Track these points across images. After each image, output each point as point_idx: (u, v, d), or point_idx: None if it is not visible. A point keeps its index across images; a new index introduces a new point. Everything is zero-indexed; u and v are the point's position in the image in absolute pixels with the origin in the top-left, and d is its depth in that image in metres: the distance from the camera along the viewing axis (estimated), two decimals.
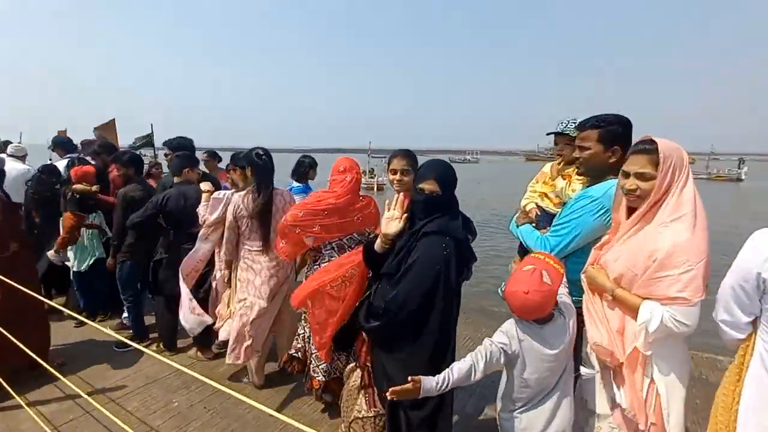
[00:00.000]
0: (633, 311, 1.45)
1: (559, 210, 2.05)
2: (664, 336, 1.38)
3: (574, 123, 1.98)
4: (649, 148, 1.44)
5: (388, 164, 2.34)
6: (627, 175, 1.50)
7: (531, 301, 1.47)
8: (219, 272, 3.04)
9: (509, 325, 1.57)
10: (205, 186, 3.13)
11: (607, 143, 1.72)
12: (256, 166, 2.69)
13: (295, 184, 3.91)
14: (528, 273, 1.52)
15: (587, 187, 1.89)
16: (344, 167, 2.53)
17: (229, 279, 2.91)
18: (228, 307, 2.92)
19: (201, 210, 2.98)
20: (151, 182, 3.98)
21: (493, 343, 1.54)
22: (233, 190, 2.98)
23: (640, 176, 1.45)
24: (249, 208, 2.67)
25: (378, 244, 1.84)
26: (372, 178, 25.43)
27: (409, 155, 2.27)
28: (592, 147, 1.74)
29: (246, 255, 2.77)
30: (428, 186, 1.68)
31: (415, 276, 1.59)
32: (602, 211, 1.68)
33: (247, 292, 2.77)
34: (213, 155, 4.57)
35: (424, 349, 1.64)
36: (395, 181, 2.23)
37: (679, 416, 1.44)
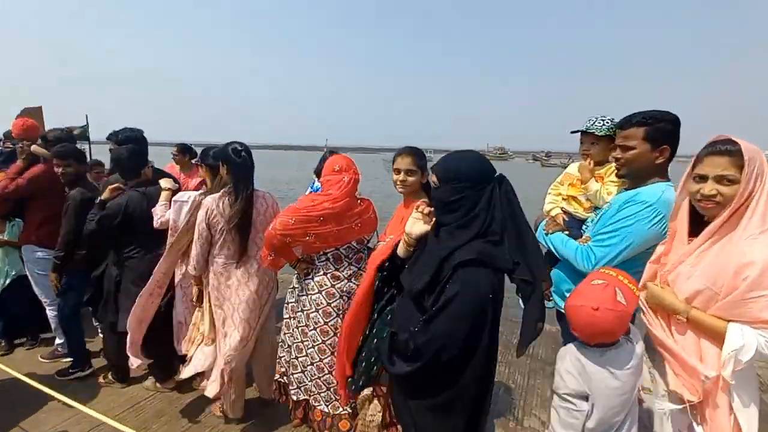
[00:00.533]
0: (713, 336, 1.27)
1: (590, 215, 1.88)
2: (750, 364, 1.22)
3: (604, 121, 1.81)
4: (732, 149, 1.26)
5: (392, 162, 2.07)
6: (703, 178, 1.31)
7: (600, 320, 1.25)
8: (180, 290, 2.59)
9: (571, 358, 1.34)
10: (165, 183, 2.63)
11: (655, 142, 1.55)
12: (233, 163, 2.26)
13: (318, 182, 3.36)
14: (599, 288, 1.30)
15: (625, 189, 1.73)
16: (340, 166, 2.19)
17: (200, 297, 2.46)
18: (199, 329, 2.47)
19: (158, 210, 2.50)
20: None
21: (568, 405, 1.34)
22: (201, 191, 2.53)
23: (722, 180, 1.27)
24: (225, 213, 2.25)
25: (401, 248, 1.58)
26: None
27: (414, 153, 2.00)
28: (638, 146, 1.56)
29: (219, 270, 2.32)
30: (432, 178, 1.45)
31: (456, 316, 1.26)
32: (658, 219, 1.49)
33: (223, 313, 2.34)
34: (184, 150, 3.97)
35: (465, 396, 1.34)
36: (398, 182, 1.99)
37: None
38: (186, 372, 2.43)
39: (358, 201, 2.23)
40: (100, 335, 3.37)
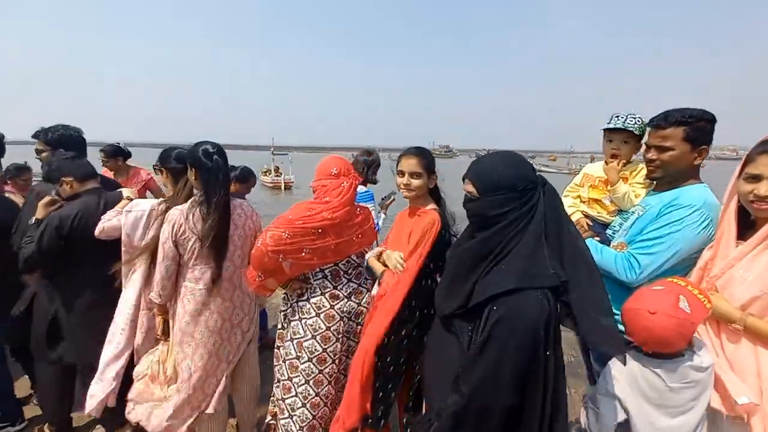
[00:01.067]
0: None
1: (614, 219, 1.78)
2: None
3: (636, 118, 1.71)
4: None
5: (396, 164, 1.87)
6: (757, 178, 1.26)
7: (657, 325, 1.17)
8: (139, 321, 2.15)
9: (622, 363, 1.21)
10: (127, 192, 2.20)
11: (695, 143, 1.48)
12: (204, 168, 1.88)
13: (361, 188, 2.86)
14: (660, 292, 1.22)
15: (654, 191, 1.64)
16: (338, 169, 1.92)
17: (166, 330, 2.04)
18: (162, 369, 2.06)
19: (107, 215, 2.04)
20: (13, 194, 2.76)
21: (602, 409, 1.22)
22: (160, 201, 2.12)
23: None
24: (197, 228, 1.87)
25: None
26: (278, 176, 23.95)
27: (421, 154, 1.83)
28: (677, 147, 1.49)
29: (188, 295, 1.93)
30: (467, 187, 1.24)
31: (501, 350, 1.05)
32: (707, 223, 1.42)
33: (191, 349, 1.94)
34: (115, 152, 3.39)
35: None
36: (402, 186, 1.82)
37: None
38: (166, 412, 1.99)
39: (358, 210, 1.97)
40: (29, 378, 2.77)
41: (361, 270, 2.03)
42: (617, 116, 1.72)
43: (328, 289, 1.93)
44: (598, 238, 1.67)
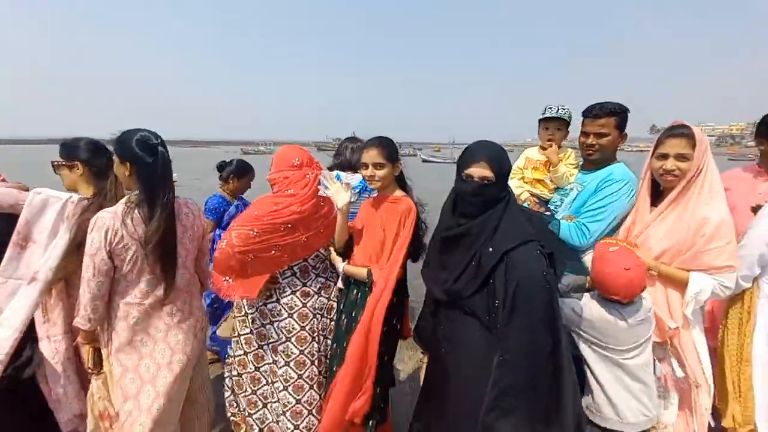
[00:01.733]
0: (679, 285, 1.57)
1: (553, 196, 2.05)
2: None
3: (564, 109, 2.00)
4: (687, 132, 1.57)
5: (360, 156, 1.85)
6: (665, 156, 1.59)
7: (635, 276, 1.40)
8: (58, 354, 1.74)
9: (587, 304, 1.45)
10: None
11: (621, 129, 1.81)
12: (141, 162, 1.57)
13: (356, 176, 2.47)
14: (620, 251, 1.46)
15: (583, 171, 1.94)
16: (300, 160, 1.82)
17: (97, 360, 1.67)
18: (98, 405, 1.69)
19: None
20: None
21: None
22: (80, 198, 1.73)
23: (681, 157, 1.56)
24: (138, 233, 1.57)
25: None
26: None
27: (380, 144, 1.79)
28: (611, 133, 1.79)
29: (130, 316, 1.61)
30: (478, 170, 1.26)
31: (529, 308, 1.15)
32: (633, 193, 1.75)
33: (134, 384, 1.61)
34: None
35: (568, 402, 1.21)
36: (367, 177, 1.79)
37: (710, 372, 1.65)
38: None
39: (321, 200, 1.89)
40: None
41: (327, 264, 1.96)
42: (550, 107, 2.00)
43: (299, 287, 1.82)
44: (548, 213, 1.91)
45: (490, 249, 1.19)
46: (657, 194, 1.71)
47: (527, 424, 1.11)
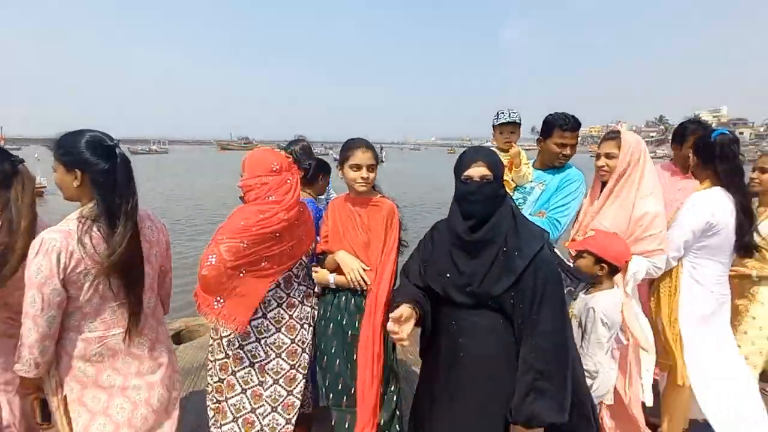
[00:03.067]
0: None
1: (514, 195, 2.25)
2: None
3: (516, 113, 2.20)
4: (615, 135, 1.91)
5: (344, 158, 1.79)
6: (599, 156, 1.92)
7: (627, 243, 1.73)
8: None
9: (605, 304, 1.66)
10: None
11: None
12: (97, 169, 1.32)
13: None
14: (600, 233, 1.76)
15: (548, 171, 2.16)
16: (279, 164, 1.71)
17: (47, 413, 1.36)
18: None
19: None
20: None
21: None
22: None
23: (609, 156, 1.89)
24: (99, 254, 1.32)
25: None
26: None
27: (373, 147, 1.83)
28: (575, 144, 2.08)
29: (89, 353, 1.36)
30: (477, 171, 1.34)
31: (555, 300, 1.30)
32: (584, 190, 2.05)
33: (107, 429, 1.37)
34: None
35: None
36: (359, 180, 1.76)
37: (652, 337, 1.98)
38: None
39: (300, 207, 1.81)
40: None
41: (307, 271, 1.87)
42: (503, 112, 2.20)
43: (284, 299, 1.73)
44: None
45: (518, 253, 1.29)
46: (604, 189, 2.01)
47: (556, 405, 1.23)
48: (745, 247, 1.96)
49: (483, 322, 1.34)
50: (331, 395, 1.72)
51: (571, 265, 1.82)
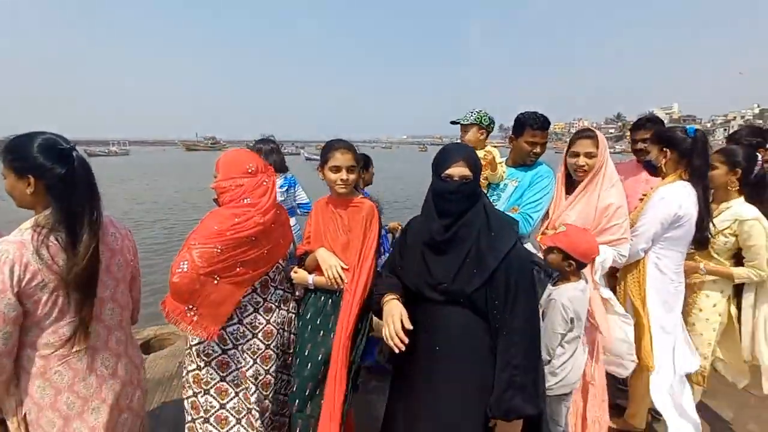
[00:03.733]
0: None
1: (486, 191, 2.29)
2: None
3: (479, 112, 2.27)
4: (592, 134, 1.98)
5: (325, 160, 1.77)
6: (576, 155, 1.97)
7: (595, 239, 1.79)
8: None
9: (563, 297, 1.69)
10: None
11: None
12: (49, 175, 1.23)
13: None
14: (572, 228, 1.78)
15: (519, 168, 2.21)
16: (255, 166, 1.67)
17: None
18: None
19: None
20: None
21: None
22: None
23: (589, 155, 1.94)
24: (59, 265, 1.23)
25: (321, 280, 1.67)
26: None
27: (353, 148, 1.80)
28: (545, 142, 2.14)
29: (49, 371, 1.27)
30: (458, 170, 1.36)
31: (528, 296, 1.34)
32: (554, 186, 2.11)
33: None
34: None
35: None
36: (339, 181, 1.73)
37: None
38: None
39: (278, 209, 1.77)
40: None
41: (284, 274, 1.84)
42: (471, 112, 2.26)
43: (260, 303, 1.68)
44: None
45: (490, 251, 1.31)
46: (569, 185, 2.07)
47: (532, 398, 1.27)
48: (701, 240, 2.07)
49: (457, 319, 1.36)
50: (297, 401, 1.65)
51: (542, 258, 1.87)
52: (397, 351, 1.27)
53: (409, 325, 1.30)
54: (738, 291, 2.23)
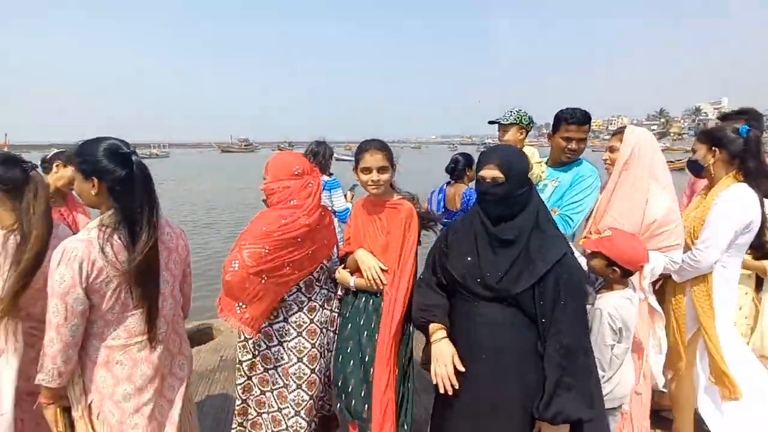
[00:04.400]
0: None
1: None
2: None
3: (518, 111, 2.22)
4: (621, 130, 1.94)
5: (357, 161, 1.76)
6: (613, 149, 1.94)
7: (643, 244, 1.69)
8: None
9: (608, 307, 1.61)
10: None
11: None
12: (114, 177, 1.31)
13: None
14: (618, 233, 1.68)
15: (559, 168, 2.14)
16: (301, 168, 1.71)
17: (70, 424, 1.35)
18: None
19: None
20: None
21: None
22: (10, 228, 1.39)
23: (611, 149, 1.93)
24: (120, 262, 1.32)
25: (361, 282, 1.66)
26: None
27: (385, 147, 1.75)
28: (582, 138, 2.06)
29: (112, 362, 1.35)
30: (488, 172, 1.35)
31: (577, 299, 1.32)
32: (599, 185, 2.03)
33: None
34: None
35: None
36: (370, 183, 1.71)
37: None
38: None
39: (322, 210, 1.79)
40: None
41: (328, 274, 1.86)
42: (510, 112, 2.20)
43: (305, 303, 1.73)
44: None
45: (540, 256, 1.30)
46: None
47: (583, 401, 1.25)
48: (760, 245, 1.94)
49: (501, 317, 1.35)
50: (344, 400, 1.66)
51: (584, 262, 1.79)
52: (443, 392, 1.30)
53: (461, 368, 1.32)
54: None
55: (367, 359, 1.66)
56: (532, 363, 1.32)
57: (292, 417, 1.67)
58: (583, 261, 1.74)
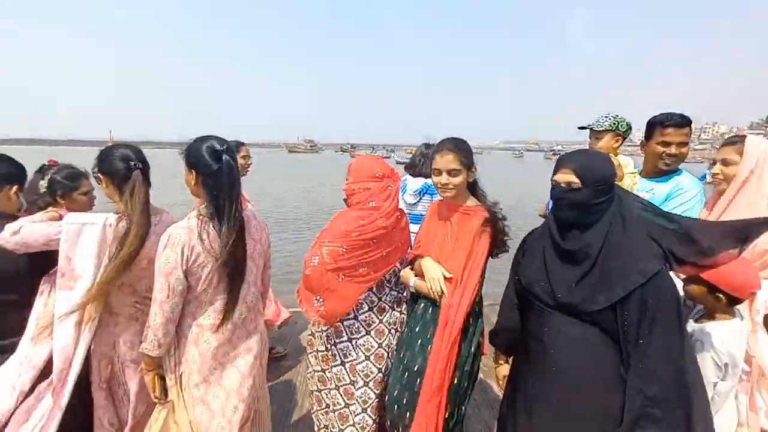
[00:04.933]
0: None
1: None
2: None
3: (615, 117, 2.03)
4: (736, 140, 1.67)
5: (431, 161, 1.67)
6: (723, 162, 1.68)
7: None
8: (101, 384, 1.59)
9: (718, 338, 1.43)
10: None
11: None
12: (207, 170, 1.42)
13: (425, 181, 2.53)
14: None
15: (655, 179, 1.95)
16: (382, 171, 1.73)
17: (163, 388, 1.51)
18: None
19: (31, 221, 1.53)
20: None
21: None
22: (112, 219, 1.57)
23: (724, 162, 1.65)
24: (215, 249, 1.43)
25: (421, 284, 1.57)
26: None
27: (456, 148, 1.60)
28: (683, 142, 1.84)
29: (201, 339, 1.48)
30: (562, 176, 1.27)
31: (668, 322, 1.15)
32: (703, 201, 1.81)
33: (205, 417, 1.48)
34: None
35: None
36: (439, 186, 1.63)
37: None
38: None
39: (400, 213, 1.79)
40: None
41: (399, 276, 1.86)
42: (605, 117, 2.03)
43: (375, 303, 1.75)
44: None
45: (619, 272, 1.18)
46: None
47: None
48: None
49: (575, 334, 1.25)
50: (393, 407, 1.62)
51: (681, 287, 1.59)
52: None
53: None
54: None
55: (416, 368, 1.59)
56: (616, 389, 1.19)
57: (360, 413, 1.69)
58: (679, 284, 1.55)
